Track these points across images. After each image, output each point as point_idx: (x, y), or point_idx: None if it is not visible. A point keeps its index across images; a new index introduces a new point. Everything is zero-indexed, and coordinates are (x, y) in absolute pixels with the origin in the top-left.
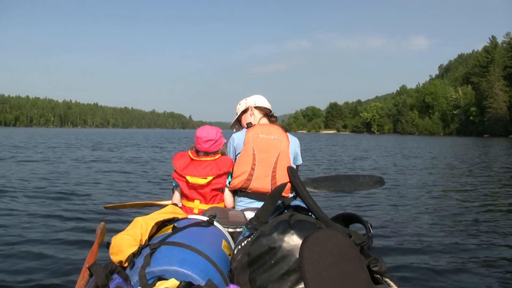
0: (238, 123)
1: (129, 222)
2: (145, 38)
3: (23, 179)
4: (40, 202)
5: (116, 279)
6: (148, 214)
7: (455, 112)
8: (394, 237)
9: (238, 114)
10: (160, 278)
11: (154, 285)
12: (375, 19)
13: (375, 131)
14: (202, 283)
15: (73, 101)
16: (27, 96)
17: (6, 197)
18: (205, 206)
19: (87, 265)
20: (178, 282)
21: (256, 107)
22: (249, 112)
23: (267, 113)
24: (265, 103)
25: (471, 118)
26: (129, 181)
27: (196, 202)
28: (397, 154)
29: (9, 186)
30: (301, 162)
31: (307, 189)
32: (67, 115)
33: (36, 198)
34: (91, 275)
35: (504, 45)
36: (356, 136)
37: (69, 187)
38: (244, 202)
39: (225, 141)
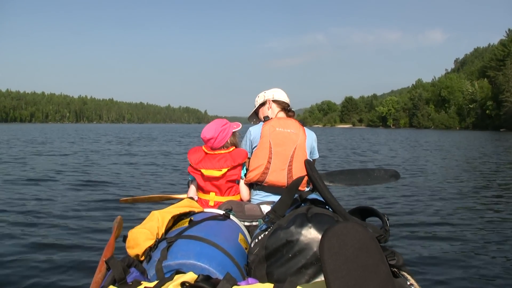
0: (255, 116)
1: (146, 215)
2: (160, 34)
3: (48, 170)
4: (61, 193)
5: (134, 272)
6: (164, 207)
7: (471, 106)
8: (410, 230)
9: (256, 106)
10: (178, 271)
11: (172, 279)
12: (391, 13)
13: (391, 125)
14: (220, 276)
15: (88, 97)
16: (43, 92)
17: (36, 187)
18: (221, 198)
19: (104, 259)
20: (196, 276)
21: (274, 101)
22: (267, 105)
23: (285, 107)
24: (284, 97)
25: (487, 112)
26: (148, 174)
27: (212, 194)
28: (413, 148)
29: (36, 178)
30: (318, 156)
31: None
32: (83, 110)
33: (58, 190)
34: (108, 269)
35: None
36: (372, 130)
37: (88, 179)
38: (260, 196)
39: (234, 129)
